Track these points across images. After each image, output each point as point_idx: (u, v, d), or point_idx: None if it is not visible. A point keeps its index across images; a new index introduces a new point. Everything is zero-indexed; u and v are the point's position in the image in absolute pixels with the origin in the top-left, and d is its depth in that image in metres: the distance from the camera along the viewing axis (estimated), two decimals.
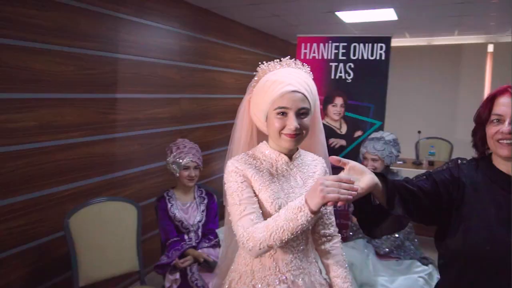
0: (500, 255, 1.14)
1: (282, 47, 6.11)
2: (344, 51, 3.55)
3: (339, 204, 1.04)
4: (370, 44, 3.51)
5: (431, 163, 4.42)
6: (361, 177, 1.09)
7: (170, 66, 3.61)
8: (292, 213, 1.12)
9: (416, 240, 2.63)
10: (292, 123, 1.25)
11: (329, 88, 3.61)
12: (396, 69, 4.45)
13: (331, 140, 3.61)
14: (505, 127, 1.20)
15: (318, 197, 1.05)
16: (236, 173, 1.28)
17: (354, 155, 3.59)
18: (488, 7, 3.95)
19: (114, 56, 2.97)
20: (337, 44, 3.56)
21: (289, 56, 1.38)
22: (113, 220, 2.34)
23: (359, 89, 3.56)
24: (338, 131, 3.62)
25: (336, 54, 3.57)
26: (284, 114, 1.26)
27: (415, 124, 5.16)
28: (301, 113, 1.27)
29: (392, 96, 3.70)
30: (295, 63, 1.35)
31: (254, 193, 1.28)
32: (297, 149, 1.40)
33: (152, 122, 3.41)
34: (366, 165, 2.72)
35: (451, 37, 5.67)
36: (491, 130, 1.24)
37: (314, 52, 3.59)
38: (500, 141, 1.21)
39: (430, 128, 5.30)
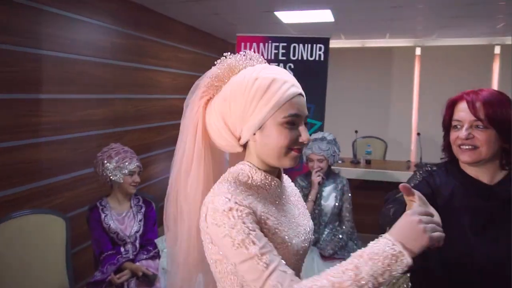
0: (479, 266, 1.14)
1: (221, 46, 6.01)
2: (284, 51, 3.54)
3: (438, 245, 0.81)
4: (309, 45, 3.54)
5: (368, 162, 4.56)
6: None
7: (102, 65, 3.36)
8: (382, 265, 0.80)
9: (358, 239, 2.67)
10: (306, 134, 0.98)
11: None
12: (333, 69, 4.53)
13: None
14: (462, 132, 1.21)
15: (423, 238, 0.79)
16: (240, 212, 0.88)
17: None
18: (415, 12, 4.15)
19: (38, 53, 2.70)
20: (277, 44, 3.55)
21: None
22: (37, 235, 2.10)
23: None
24: None
25: (276, 54, 3.55)
26: (293, 124, 0.97)
27: (351, 124, 5.31)
28: (305, 122, 1.01)
29: (329, 96, 3.75)
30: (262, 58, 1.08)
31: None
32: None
33: (82, 124, 3.15)
34: (311, 167, 2.72)
35: (383, 39, 5.92)
36: (452, 135, 1.26)
37: (254, 52, 3.53)
38: (461, 147, 1.23)
39: (366, 128, 5.49)
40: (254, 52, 3.57)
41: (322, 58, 3.54)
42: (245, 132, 0.98)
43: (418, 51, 6.09)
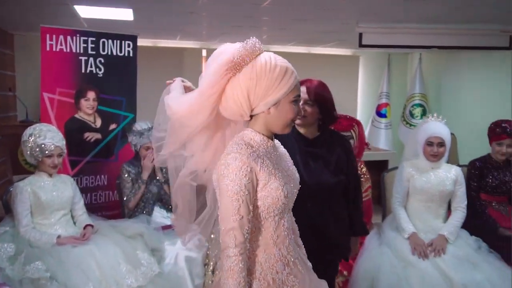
0: (307, 186, 1.82)
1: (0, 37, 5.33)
2: (93, 45, 3.59)
3: None
4: (118, 41, 3.70)
5: None
6: None
7: None
8: None
9: None
10: (301, 110, 1.47)
11: (80, 82, 3.58)
12: (145, 66, 4.78)
13: (86, 134, 3.61)
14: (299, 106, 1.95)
15: None
16: (245, 170, 1.29)
17: (111, 148, 3.72)
18: (200, 19, 4.80)
19: None
20: (86, 38, 3.56)
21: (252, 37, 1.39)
22: None
23: (111, 83, 3.70)
24: (93, 125, 3.65)
25: (85, 48, 3.56)
26: (297, 102, 1.38)
27: None
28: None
29: (145, 90, 4.05)
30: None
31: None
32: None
33: None
34: (145, 154, 2.94)
35: (174, 40, 6.45)
36: None
37: (61, 45, 3.45)
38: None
39: None
40: (62, 45, 3.67)
41: (131, 54, 3.76)
42: (262, 106, 1.33)
43: (204, 52, 6.87)
